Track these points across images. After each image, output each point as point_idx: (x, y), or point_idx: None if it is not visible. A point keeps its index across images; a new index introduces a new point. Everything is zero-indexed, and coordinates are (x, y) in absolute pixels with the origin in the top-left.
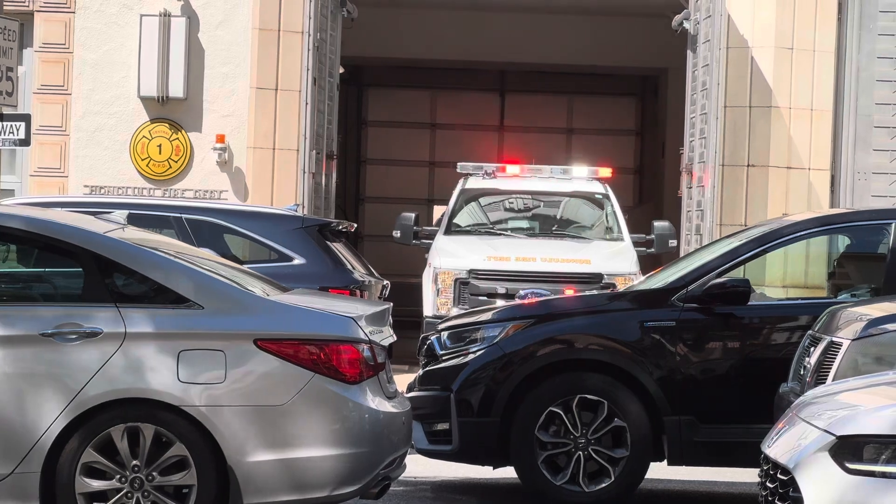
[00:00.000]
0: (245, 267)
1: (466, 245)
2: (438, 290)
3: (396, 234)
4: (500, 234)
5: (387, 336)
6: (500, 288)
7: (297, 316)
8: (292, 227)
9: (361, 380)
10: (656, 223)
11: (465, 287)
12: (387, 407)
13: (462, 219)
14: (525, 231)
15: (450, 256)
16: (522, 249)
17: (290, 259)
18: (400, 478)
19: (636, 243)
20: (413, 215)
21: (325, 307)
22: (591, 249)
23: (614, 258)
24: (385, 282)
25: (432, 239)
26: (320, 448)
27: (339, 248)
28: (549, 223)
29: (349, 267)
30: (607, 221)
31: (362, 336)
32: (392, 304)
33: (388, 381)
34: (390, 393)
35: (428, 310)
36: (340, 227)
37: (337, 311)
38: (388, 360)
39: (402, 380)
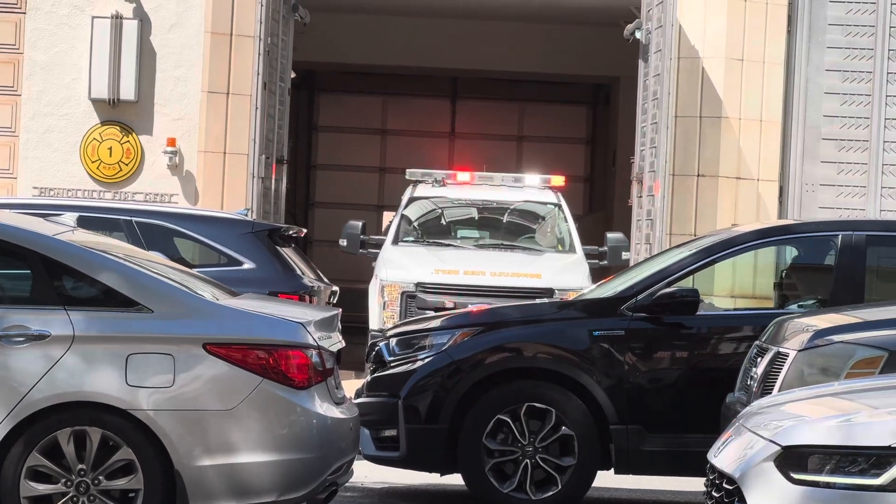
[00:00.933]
0: (195, 271)
1: (414, 257)
2: (385, 304)
3: (343, 242)
4: (448, 245)
5: (335, 342)
6: (448, 302)
7: (247, 321)
8: (242, 231)
9: (310, 385)
10: (609, 235)
11: (412, 300)
12: (335, 413)
13: (410, 228)
14: (475, 241)
15: (396, 268)
16: (471, 262)
17: (240, 263)
18: (347, 483)
19: (588, 255)
20: (360, 224)
21: (275, 312)
22: (541, 263)
23: (566, 272)
24: (334, 287)
25: (380, 248)
26: (268, 453)
27: (288, 252)
28: (499, 233)
29: (299, 272)
30: (559, 232)
31: (311, 341)
32: (341, 309)
33: (337, 386)
34: (338, 399)
35: (374, 323)
36: (290, 232)
37: (286, 316)
38: (336, 365)
39: (350, 386)
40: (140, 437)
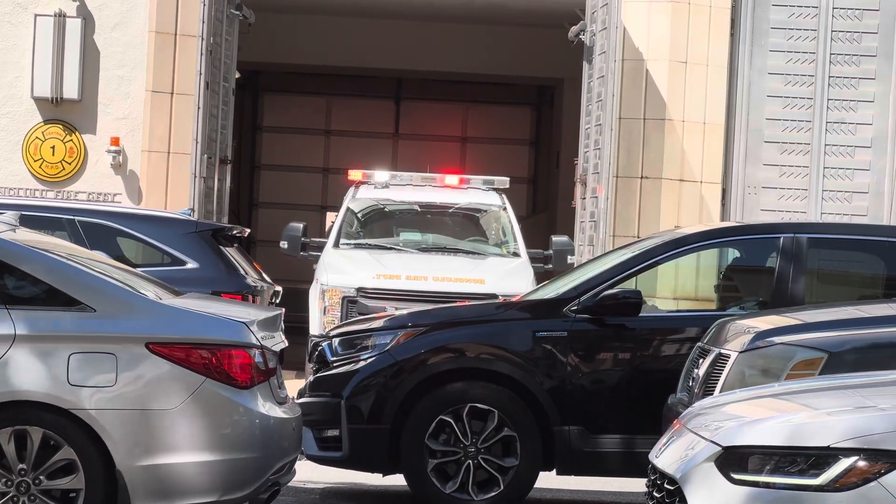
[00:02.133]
0: (138, 270)
1: (355, 261)
2: (325, 309)
3: (283, 244)
4: (391, 249)
5: (278, 342)
6: (390, 308)
7: (190, 320)
8: (186, 231)
9: (252, 385)
10: (555, 238)
11: (353, 306)
12: (277, 412)
13: (351, 231)
14: (417, 245)
15: (337, 273)
16: (414, 267)
17: (183, 263)
18: (289, 483)
19: (533, 259)
20: (301, 226)
21: (218, 312)
22: (485, 267)
23: (510, 277)
24: (277, 287)
25: (321, 251)
26: (210, 453)
27: (231, 252)
28: (443, 236)
29: (242, 272)
30: (504, 235)
31: (254, 341)
32: (284, 309)
33: (280, 386)
34: (281, 398)
35: (314, 328)
36: (234, 232)
37: (229, 315)
38: (279, 365)
39: (291, 386)
40: (81, 437)
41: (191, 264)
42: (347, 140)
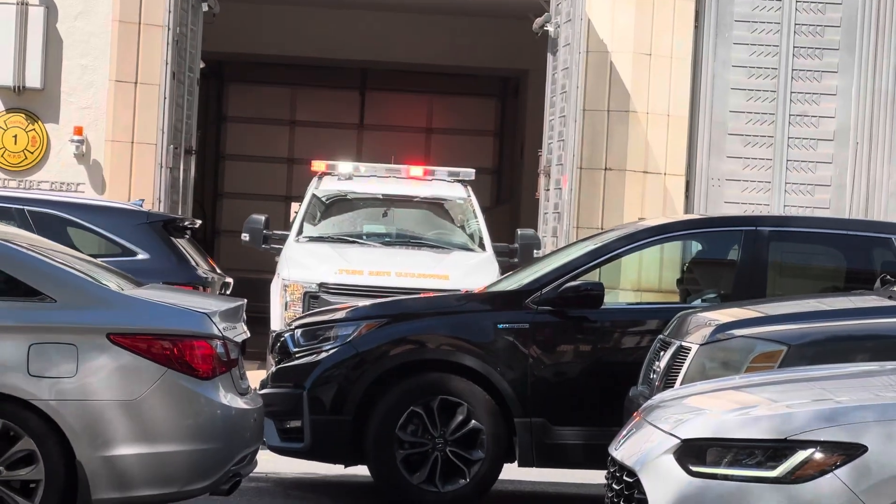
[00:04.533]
0: (99, 261)
1: (317, 255)
2: (287, 304)
3: (245, 237)
4: (353, 242)
5: (240, 332)
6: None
7: (152, 311)
8: (137, 222)
9: (214, 376)
10: (521, 231)
11: (315, 301)
12: (239, 403)
13: (313, 224)
14: (381, 238)
15: (299, 268)
16: (377, 262)
17: (134, 254)
18: (251, 474)
19: (499, 253)
20: (263, 218)
21: (180, 302)
22: (449, 262)
23: (475, 272)
24: (227, 279)
25: (283, 244)
26: (171, 444)
27: (182, 244)
28: (407, 230)
29: (193, 263)
30: (468, 228)
31: (216, 332)
32: (246, 300)
33: (241, 377)
34: (242, 389)
35: (275, 324)
36: (185, 223)
37: (191, 306)
38: (241, 356)
39: (254, 377)
40: (42, 428)
41: (141, 255)
42: (312, 130)
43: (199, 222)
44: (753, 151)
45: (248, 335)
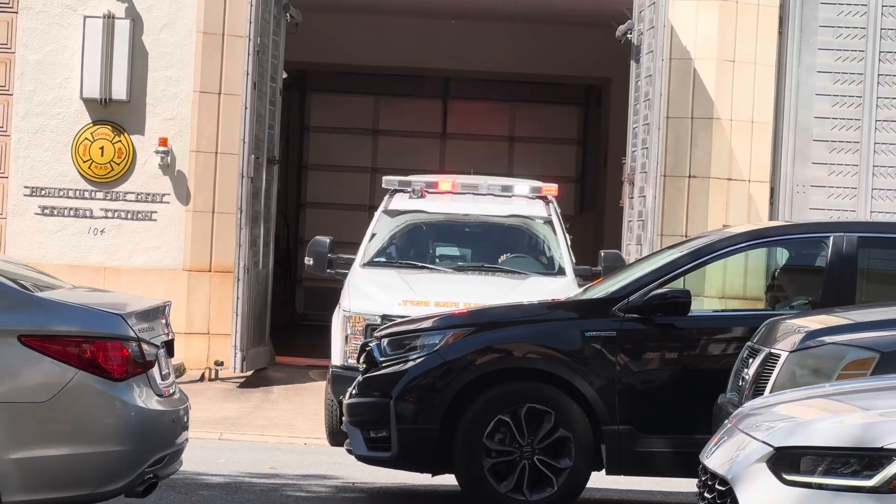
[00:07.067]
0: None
1: (381, 284)
2: (347, 337)
3: (308, 261)
4: (422, 268)
5: (159, 333)
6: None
7: (65, 312)
8: None
9: (128, 377)
10: (604, 252)
11: None
12: (154, 405)
13: (382, 247)
14: (453, 262)
15: (361, 298)
16: (445, 291)
17: None
18: (338, 483)
19: (581, 276)
20: (327, 240)
21: (94, 303)
22: (524, 290)
23: None
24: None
25: (348, 268)
26: (83, 446)
27: None
28: (481, 253)
29: None
30: (549, 251)
31: (131, 333)
32: (171, 301)
33: (162, 377)
34: (160, 391)
35: (336, 359)
36: None
37: (105, 307)
38: (166, 357)
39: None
40: None
41: None
42: (395, 140)
43: None
44: (839, 157)
45: (172, 335)
